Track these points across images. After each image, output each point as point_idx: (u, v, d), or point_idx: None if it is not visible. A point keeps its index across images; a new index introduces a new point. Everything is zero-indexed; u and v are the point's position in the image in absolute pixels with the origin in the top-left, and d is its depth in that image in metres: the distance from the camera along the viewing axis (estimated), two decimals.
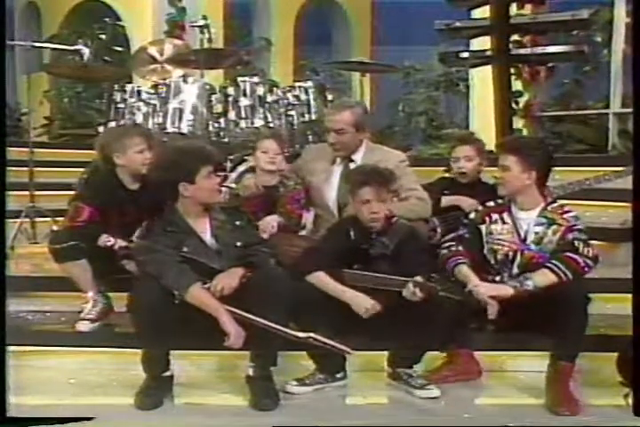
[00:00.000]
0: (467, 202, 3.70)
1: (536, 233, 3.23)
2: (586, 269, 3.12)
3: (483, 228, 3.32)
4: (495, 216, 3.31)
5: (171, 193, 3.16)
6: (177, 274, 3.03)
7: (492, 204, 3.36)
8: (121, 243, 3.48)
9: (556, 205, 3.28)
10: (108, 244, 3.48)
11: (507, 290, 3.10)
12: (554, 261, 3.11)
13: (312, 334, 3.00)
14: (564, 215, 3.23)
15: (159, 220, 3.21)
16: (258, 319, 2.97)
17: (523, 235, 3.25)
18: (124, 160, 3.58)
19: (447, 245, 3.33)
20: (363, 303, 3.15)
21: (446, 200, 3.82)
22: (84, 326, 3.50)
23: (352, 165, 3.82)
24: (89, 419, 2.73)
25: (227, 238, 3.21)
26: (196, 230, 3.18)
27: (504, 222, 3.29)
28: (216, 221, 3.22)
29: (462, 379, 3.25)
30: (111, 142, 3.64)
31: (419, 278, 3.12)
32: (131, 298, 3.09)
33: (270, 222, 3.69)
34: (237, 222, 3.27)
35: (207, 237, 3.20)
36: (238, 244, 3.21)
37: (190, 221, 3.18)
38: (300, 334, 3.01)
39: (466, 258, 3.24)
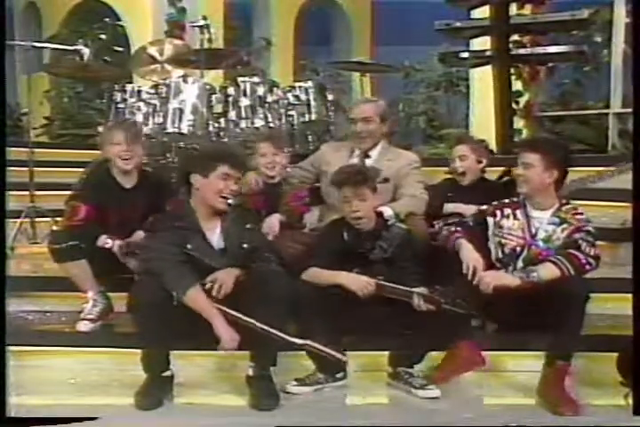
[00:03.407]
0: (468, 210, 3.70)
1: (546, 231, 3.25)
2: (587, 266, 3.12)
3: (491, 220, 3.32)
4: (508, 211, 3.32)
5: (186, 183, 3.17)
6: (177, 275, 3.02)
7: (506, 201, 3.37)
8: (120, 244, 3.49)
9: (569, 206, 3.29)
10: (107, 246, 3.49)
11: (513, 280, 3.09)
12: (557, 256, 3.12)
13: (309, 342, 3.01)
14: (577, 216, 3.25)
15: (169, 213, 3.23)
16: (257, 324, 2.96)
17: (534, 231, 3.26)
18: (105, 153, 3.68)
19: (447, 227, 3.34)
20: (357, 282, 3.18)
21: (448, 208, 3.83)
22: (84, 326, 3.50)
23: (368, 161, 3.92)
24: (90, 419, 2.74)
25: (234, 239, 3.20)
26: (202, 228, 3.17)
27: (516, 218, 3.30)
28: (227, 221, 3.20)
29: (466, 370, 3.23)
30: (100, 137, 3.80)
31: (423, 290, 3.13)
32: (130, 297, 3.09)
33: (273, 222, 3.70)
34: (248, 225, 3.25)
35: (214, 237, 3.19)
36: (245, 245, 3.20)
37: (200, 219, 3.17)
38: (298, 341, 3.01)
39: (465, 235, 3.24)
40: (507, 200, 3.37)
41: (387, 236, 3.34)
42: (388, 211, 3.52)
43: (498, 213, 3.33)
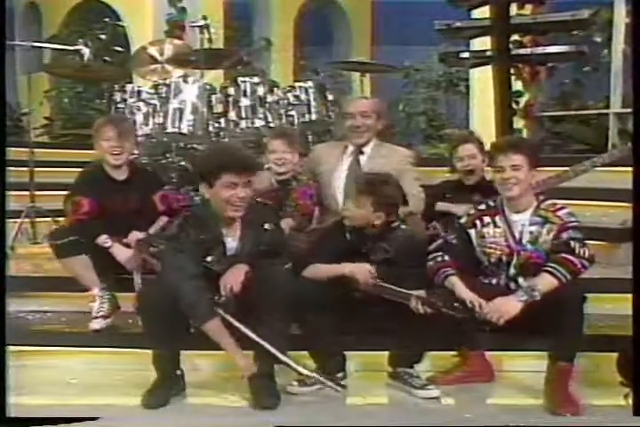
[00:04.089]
0: (459, 209, 3.71)
1: (531, 233, 3.21)
2: (582, 269, 3.09)
3: (473, 231, 3.30)
4: (487, 219, 3.28)
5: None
6: (196, 303, 2.94)
7: (483, 206, 3.33)
8: (119, 246, 3.49)
9: (548, 202, 3.26)
10: (106, 245, 3.50)
11: (515, 307, 3.03)
12: (552, 265, 3.08)
13: (315, 374, 3.03)
14: (558, 213, 3.21)
15: (193, 219, 3.11)
16: (271, 349, 2.96)
17: (518, 236, 3.23)
18: (96, 148, 3.74)
19: (433, 255, 3.28)
20: (361, 270, 3.18)
21: (439, 206, 3.82)
22: (97, 324, 3.49)
23: (361, 158, 3.97)
24: (91, 419, 2.74)
25: (251, 241, 3.15)
26: (224, 234, 3.11)
27: (496, 226, 3.26)
28: (246, 223, 3.13)
29: (475, 381, 3.25)
30: (92, 133, 3.83)
31: (422, 293, 3.12)
32: (140, 298, 3.09)
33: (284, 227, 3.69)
34: (267, 225, 3.20)
35: (234, 242, 3.13)
36: (262, 247, 3.17)
37: (221, 221, 3.10)
38: (305, 371, 3.03)
39: (454, 268, 3.20)
40: (483, 206, 3.33)
41: (390, 237, 3.33)
42: None
43: (477, 222, 3.30)
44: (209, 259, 3.07)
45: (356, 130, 3.99)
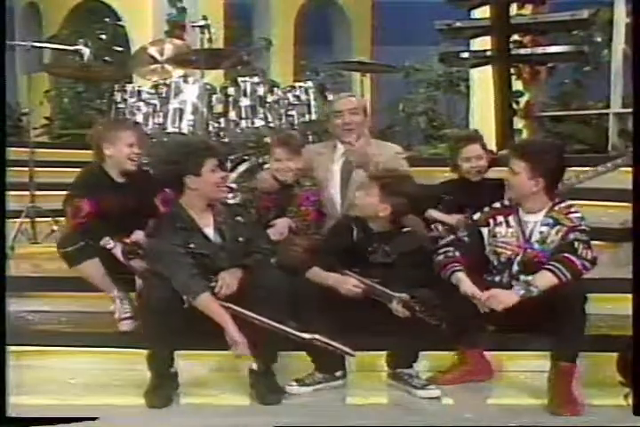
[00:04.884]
0: (452, 219, 3.70)
1: (541, 233, 3.23)
2: (583, 270, 3.10)
3: (485, 230, 3.31)
4: (500, 218, 3.30)
5: (176, 186, 3.20)
6: (187, 279, 3.03)
7: (498, 205, 3.35)
8: (122, 246, 3.48)
9: (563, 205, 3.26)
10: (108, 246, 3.49)
11: (511, 298, 3.05)
12: (553, 263, 3.09)
13: (317, 336, 3.01)
14: (569, 215, 3.22)
15: (167, 216, 3.26)
16: (263, 320, 2.98)
17: (527, 235, 3.24)
18: (112, 151, 3.65)
19: (444, 250, 3.29)
20: (343, 282, 3.19)
21: (430, 213, 3.80)
22: (126, 326, 3.48)
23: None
24: (90, 419, 2.73)
25: (229, 233, 3.23)
26: (200, 226, 3.19)
27: (509, 226, 3.28)
28: (218, 217, 3.24)
29: (473, 379, 3.25)
30: (103, 133, 3.72)
31: (404, 296, 3.12)
32: (140, 298, 3.11)
33: (283, 227, 3.69)
34: (238, 218, 3.31)
35: (211, 233, 3.22)
36: (240, 239, 3.24)
37: (195, 216, 3.20)
38: (305, 335, 3.02)
39: (462, 264, 3.21)
40: (498, 205, 3.35)
41: (395, 240, 3.33)
42: None
43: (491, 221, 3.31)
44: (192, 245, 3.13)
45: (346, 127, 4.00)
